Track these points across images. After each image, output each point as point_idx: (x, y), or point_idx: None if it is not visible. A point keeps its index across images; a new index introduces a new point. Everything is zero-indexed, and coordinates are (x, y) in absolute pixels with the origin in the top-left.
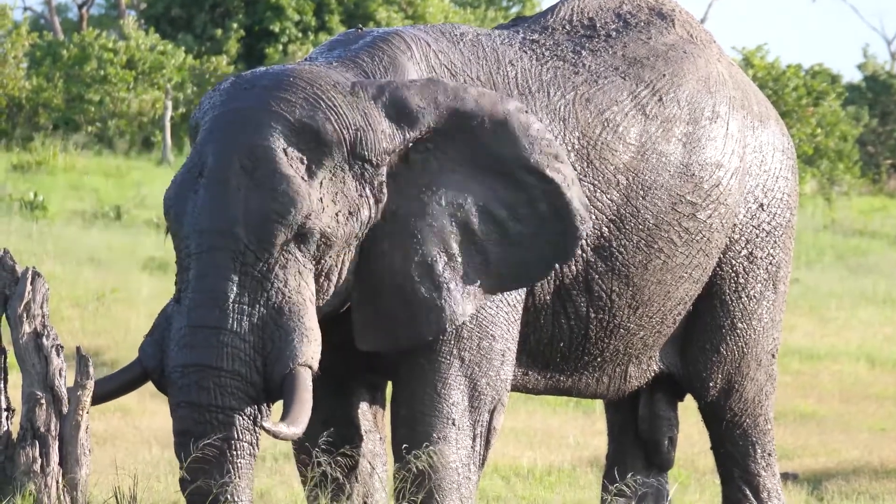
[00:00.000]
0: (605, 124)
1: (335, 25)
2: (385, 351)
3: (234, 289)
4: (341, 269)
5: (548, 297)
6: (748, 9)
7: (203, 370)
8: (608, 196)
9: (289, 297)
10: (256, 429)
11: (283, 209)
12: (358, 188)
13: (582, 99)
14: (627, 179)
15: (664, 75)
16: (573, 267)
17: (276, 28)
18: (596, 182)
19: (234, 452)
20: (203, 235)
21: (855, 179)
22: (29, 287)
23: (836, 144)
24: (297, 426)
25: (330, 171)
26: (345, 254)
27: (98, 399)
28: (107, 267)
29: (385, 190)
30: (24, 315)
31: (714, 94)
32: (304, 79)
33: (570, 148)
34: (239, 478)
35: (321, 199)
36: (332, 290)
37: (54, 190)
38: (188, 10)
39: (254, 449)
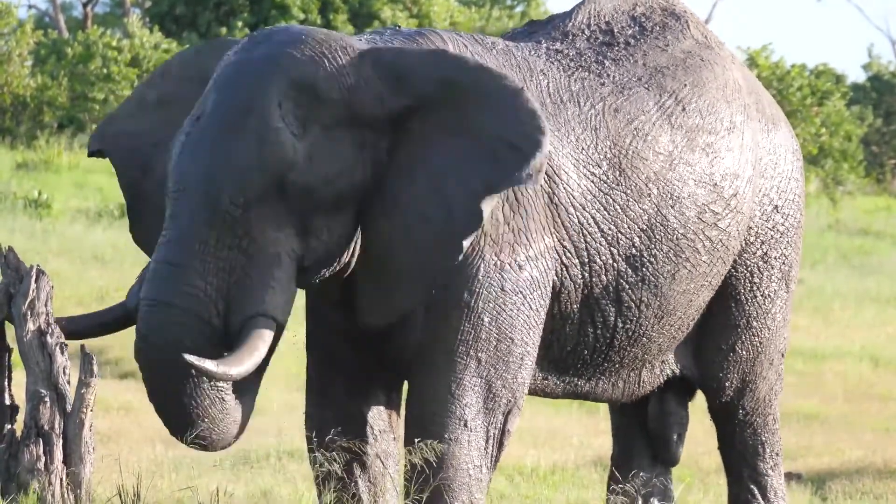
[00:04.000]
0: (635, 133)
1: (340, 24)
2: (383, 322)
3: (204, 230)
4: (332, 230)
5: (575, 306)
6: (753, 8)
7: (158, 305)
8: (640, 206)
9: (262, 247)
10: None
11: (265, 159)
12: (354, 151)
13: (611, 109)
14: (658, 189)
15: (685, 85)
16: (604, 276)
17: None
18: (628, 191)
19: (195, 385)
20: (183, 176)
21: (859, 179)
22: (33, 285)
23: (840, 144)
24: (231, 367)
25: (325, 130)
26: (335, 216)
27: (78, 335)
28: (111, 265)
29: (382, 158)
30: (29, 313)
31: (731, 104)
32: (317, 39)
33: (602, 156)
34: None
35: (310, 156)
36: (322, 249)
37: (59, 188)
38: (193, 8)
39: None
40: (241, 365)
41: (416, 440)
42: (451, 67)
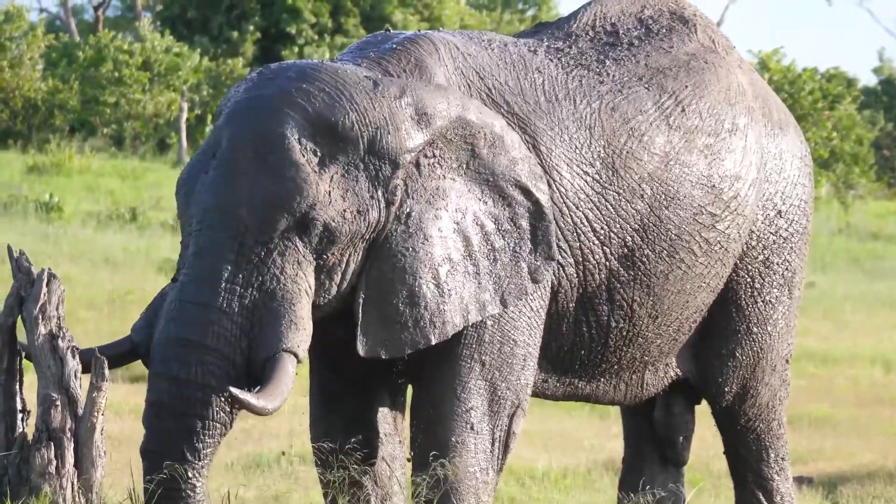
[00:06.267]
0: (631, 133)
1: (351, 28)
2: (387, 357)
3: (230, 269)
4: (345, 268)
5: (571, 305)
6: (764, 12)
7: (186, 345)
8: (633, 206)
9: (283, 284)
10: (231, 410)
11: (288, 195)
12: (370, 189)
13: (607, 108)
14: (652, 189)
15: (686, 86)
16: (597, 275)
17: (292, 30)
18: (621, 191)
19: (205, 433)
20: (206, 213)
21: (870, 183)
22: (44, 289)
23: (851, 148)
24: (268, 402)
25: (343, 167)
26: (350, 254)
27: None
28: (122, 269)
29: (398, 193)
30: (40, 317)
31: (734, 106)
32: (329, 73)
33: (595, 156)
34: (202, 457)
35: (329, 192)
36: (333, 289)
37: (70, 192)
38: (204, 11)
39: (225, 430)
40: (274, 401)
41: (424, 447)
42: (461, 105)
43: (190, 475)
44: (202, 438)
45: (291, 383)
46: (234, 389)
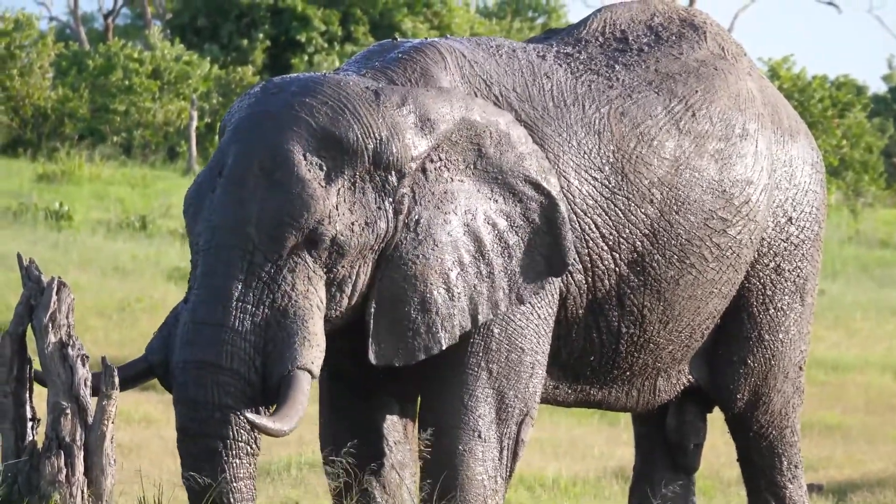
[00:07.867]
0: (640, 138)
1: (361, 36)
2: (401, 364)
3: (240, 288)
4: (355, 280)
5: (580, 311)
6: (774, 20)
7: (202, 367)
8: (643, 210)
9: (295, 301)
10: (253, 429)
11: (296, 212)
12: (377, 200)
13: (617, 112)
14: (662, 194)
15: (696, 91)
16: (606, 281)
17: (302, 38)
18: (631, 196)
19: (230, 452)
20: (214, 232)
21: (880, 191)
22: (54, 297)
23: (861, 156)
24: (285, 423)
25: (349, 180)
26: (359, 265)
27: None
28: (132, 277)
29: (405, 202)
30: (50, 325)
31: (744, 112)
32: (331, 86)
33: (605, 161)
34: (235, 478)
35: (337, 206)
36: (344, 301)
37: (79, 200)
38: (214, 20)
39: (251, 448)
40: (290, 421)
41: (432, 456)
42: (464, 107)
43: (232, 499)
44: (227, 459)
45: (307, 401)
46: (250, 415)
